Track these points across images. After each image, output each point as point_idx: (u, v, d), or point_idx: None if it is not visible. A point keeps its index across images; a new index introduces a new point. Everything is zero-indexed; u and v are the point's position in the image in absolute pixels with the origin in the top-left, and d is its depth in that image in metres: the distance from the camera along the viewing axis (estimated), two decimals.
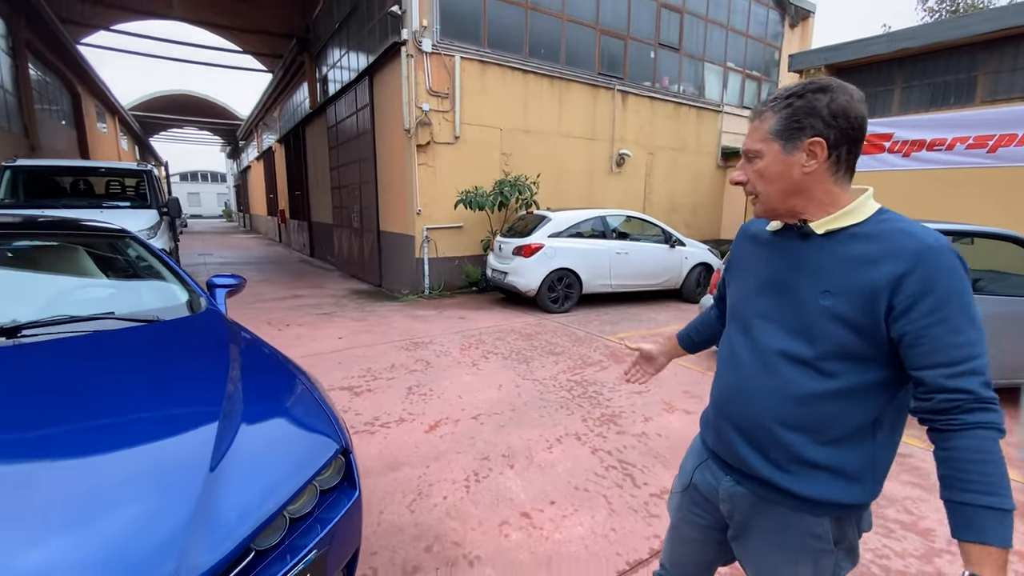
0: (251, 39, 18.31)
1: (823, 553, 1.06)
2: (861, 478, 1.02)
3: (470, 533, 2.24)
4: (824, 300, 1.00)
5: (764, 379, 1.07)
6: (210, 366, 1.76)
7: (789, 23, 14.59)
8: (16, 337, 1.73)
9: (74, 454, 1.26)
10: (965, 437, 0.88)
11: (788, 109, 0.99)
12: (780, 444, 1.05)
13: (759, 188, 1.06)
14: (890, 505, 2.53)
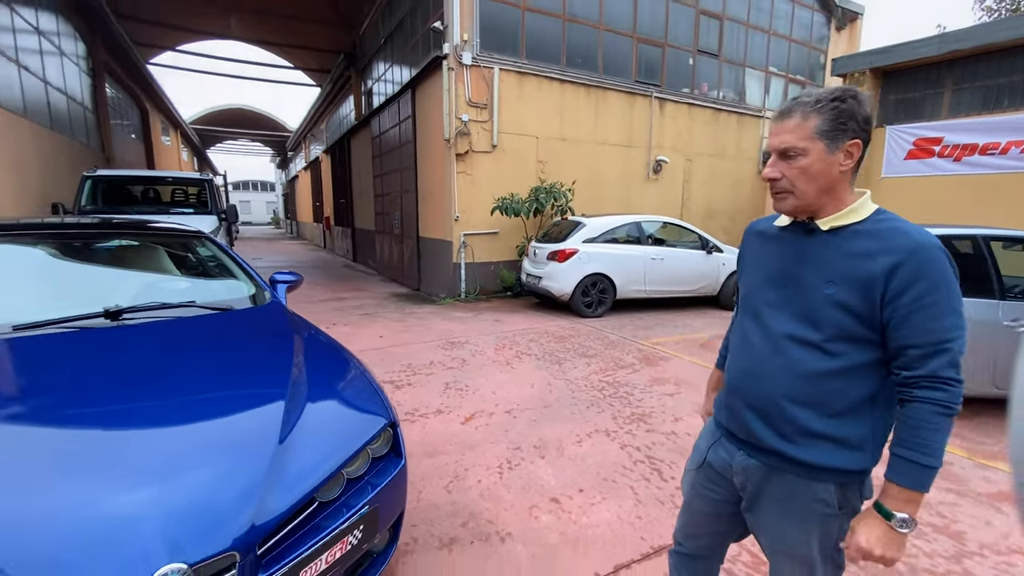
0: (302, 55, 19.36)
1: (829, 518, 1.16)
2: (862, 446, 1.13)
3: (502, 513, 2.40)
4: (828, 289, 1.12)
5: (774, 360, 1.19)
6: (277, 351, 2.00)
7: (836, 26, 14.20)
8: (118, 320, 2.03)
9: (168, 422, 1.49)
10: (911, 407, 1.05)
11: (835, 111, 1.07)
12: (788, 418, 1.16)
13: (798, 186, 1.12)
14: (922, 508, 2.51)
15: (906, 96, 6.89)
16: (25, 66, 8.04)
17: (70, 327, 1.88)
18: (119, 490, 1.19)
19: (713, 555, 1.51)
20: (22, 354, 1.70)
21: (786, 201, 1.16)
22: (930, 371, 1.02)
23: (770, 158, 1.18)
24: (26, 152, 7.66)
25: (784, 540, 1.23)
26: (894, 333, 1.05)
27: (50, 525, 1.08)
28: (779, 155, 1.14)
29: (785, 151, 1.12)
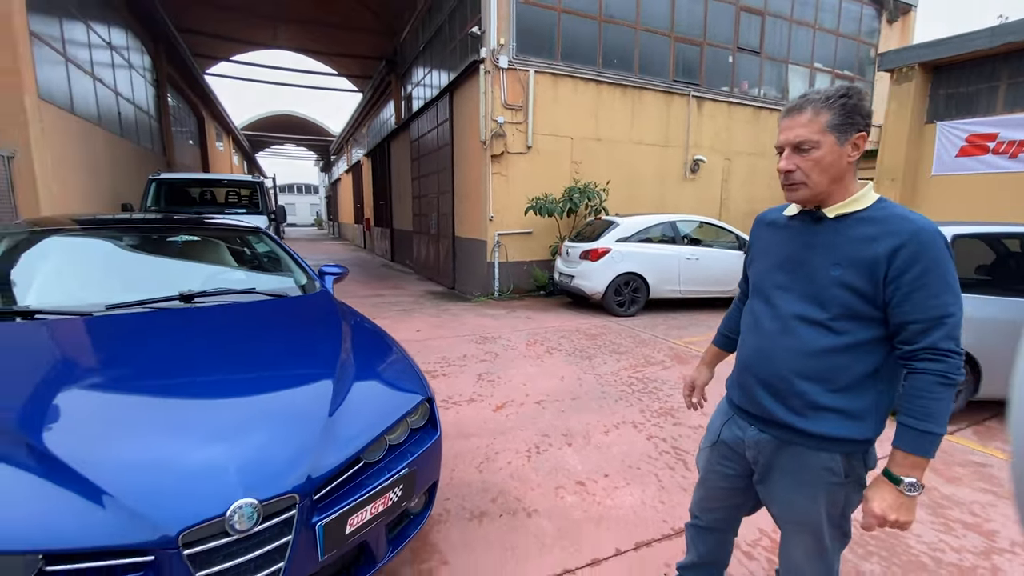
0: (345, 62, 20.07)
1: (835, 486, 1.25)
2: (865, 418, 1.21)
3: (530, 492, 2.54)
4: (835, 271, 1.20)
5: (783, 339, 1.28)
6: (328, 334, 2.20)
7: (887, 19, 13.61)
8: (190, 302, 2.29)
9: (238, 393, 1.69)
10: (913, 378, 1.13)
11: (843, 107, 1.16)
12: (797, 393, 1.25)
13: (812, 176, 1.20)
14: (955, 507, 2.49)
15: (958, 91, 6.59)
16: (99, 78, 8.78)
17: (152, 307, 2.15)
18: (202, 443, 1.40)
19: (727, 528, 1.60)
20: (115, 329, 1.97)
21: (799, 191, 1.24)
22: (930, 343, 1.10)
23: (784, 152, 1.27)
24: (100, 157, 8.36)
25: (794, 509, 1.32)
26: (896, 310, 1.14)
27: (152, 466, 1.29)
28: (793, 148, 1.22)
29: (799, 144, 1.20)
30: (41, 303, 2.04)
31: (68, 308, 2.03)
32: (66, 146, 7.10)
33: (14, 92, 5.95)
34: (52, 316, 1.97)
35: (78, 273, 2.37)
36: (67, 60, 7.50)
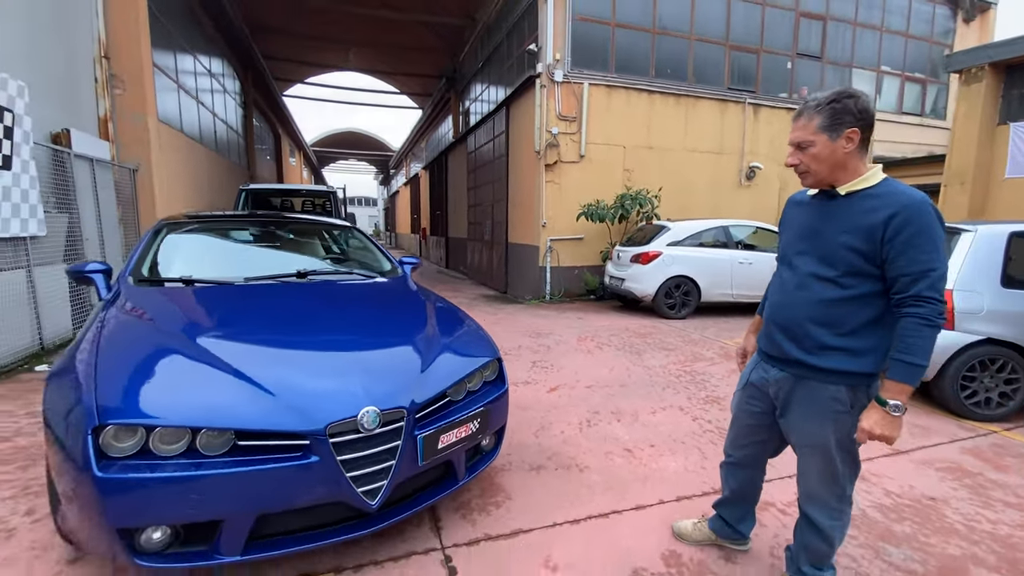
0: (407, 80, 21.31)
1: (842, 415, 1.50)
2: (867, 355, 1.47)
3: (581, 455, 2.84)
4: (842, 237, 1.48)
5: (800, 293, 1.56)
6: (416, 306, 2.64)
7: (963, 18, 12.96)
8: (305, 279, 2.80)
9: (349, 348, 2.12)
10: (902, 321, 1.39)
11: (831, 111, 1.45)
12: (810, 336, 1.53)
13: (812, 167, 1.51)
14: (999, 489, 2.56)
15: None
16: (202, 102, 10.00)
17: (277, 280, 2.67)
18: (338, 371, 1.85)
19: (755, 464, 1.85)
20: (253, 293, 2.50)
21: (806, 179, 1.56)
22: (915, 292, 1.35)
23: (790, 150, 1.57)
24: (200, 170, 9.50)
25: (808, 435, 1.58)
26: (890, 266, 1.40)
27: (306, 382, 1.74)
28: (796, 147, 1.53)
29: (800, 144, 1.52)
30: (198, 275, 2.60)
31: (219, 279, 2.58)
32: (176, 161, 8.18)
33: (141, 115, 7.00)
34: (207, 284, 2.53)
35: (223, 255, 2.97)
36: (179, 87, 8.65)
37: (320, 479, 1.59)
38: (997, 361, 3.46)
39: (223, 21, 10.72)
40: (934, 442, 3.13)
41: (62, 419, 1.57)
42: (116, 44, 6.79)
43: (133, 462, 1.47)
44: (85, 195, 5.73)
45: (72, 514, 1.56)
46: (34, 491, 2.36)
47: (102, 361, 1.69)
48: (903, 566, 1.95)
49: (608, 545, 2.04)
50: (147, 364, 1.74)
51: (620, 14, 9.63)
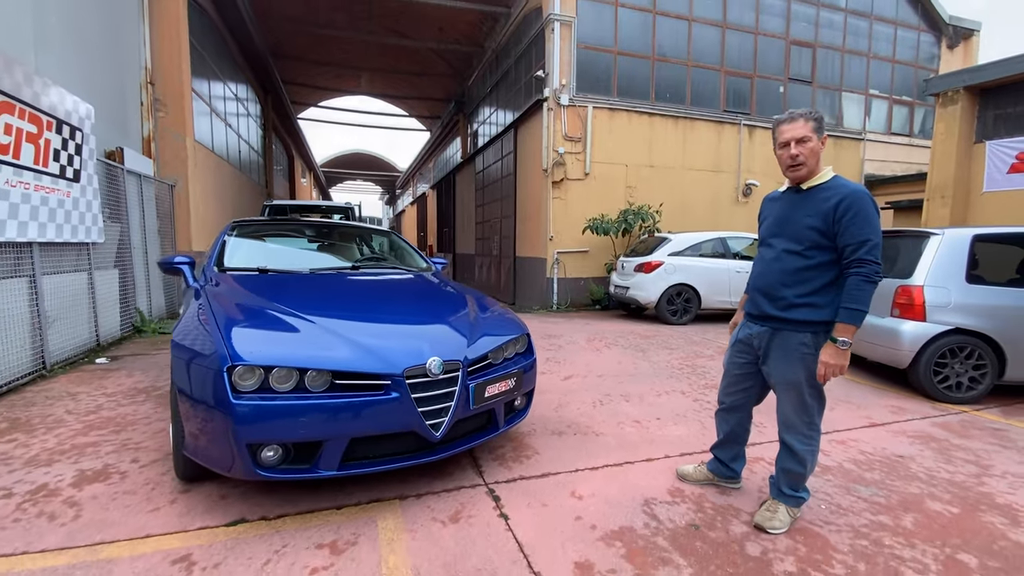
0: (416, 104, 22.13)
1: (808, 356, 1.94)
2: (825, 308, 1.92)
3: (596, 425, 3.25)
4: (806, 220, 1.94)
5: (776, 264, 2.02)
6: (455, 292, 3.09)
7: (947, 44, 13.66)
8: (356, 270, 3.26)
9: (410, 320, 2.58)
10: (849, 279, 1.83)
11: (816, 119, 1.95)
12: (782, 297, 1.98)
13: (810, 160, 1.96)
14: (962, 451, 2.95)
15: (1006, 111, 6.84)
16: (229, 124, 10.64)
17: (335, 271, 3.14)
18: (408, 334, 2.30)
19: (744, 407, 2.27)
20: (321, 280, 2.96)
21: (800, 171, 2.00)
22: (858, 256, 1.81)
23: (788, 147, 2.00)
24: (226, 186, 10.07)
25: (784, 374, 2.01)
26: (839, 238, 1.86)
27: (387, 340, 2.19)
28: (798, 142, 1.97)
29: (801, 139, 1.97)
30: (272, 266, 3.07)
31: (290, 270, 3.05)
32: (208, 178, 8.74)
33: (180, 135, 7.58)
34: (281, 272, 2.99)
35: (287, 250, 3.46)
36: (211, 110, 9.28)
37: (398, 411, 2.02)
38: (965, 349, 3.87)
39: (250, 49, 11.45)
40: (908, 418, 3.53)
41: (197, 367, 2.00)
42: (160, 71, 7.41)
43: (258, 394, 1.91)
44: (133, 207, 6.24)
45: (203, 442, 1.99)
46: (131, 447, 2.77)
47: (222, 321, 2.13)
48: (870, 499, 2.34)
49: (623, 484, 2.44)
50: (258, 323, 2.19)
51: (622, 42, 10.31)
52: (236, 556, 1.82)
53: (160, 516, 2.08)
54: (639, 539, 1.97)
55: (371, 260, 3.73)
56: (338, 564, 1.78)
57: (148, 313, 6.50)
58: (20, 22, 4.50)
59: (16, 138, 3.89)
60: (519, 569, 1.77)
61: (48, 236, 4.31)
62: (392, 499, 2.24)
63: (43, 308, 4.23)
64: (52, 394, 3.74)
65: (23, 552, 1.83)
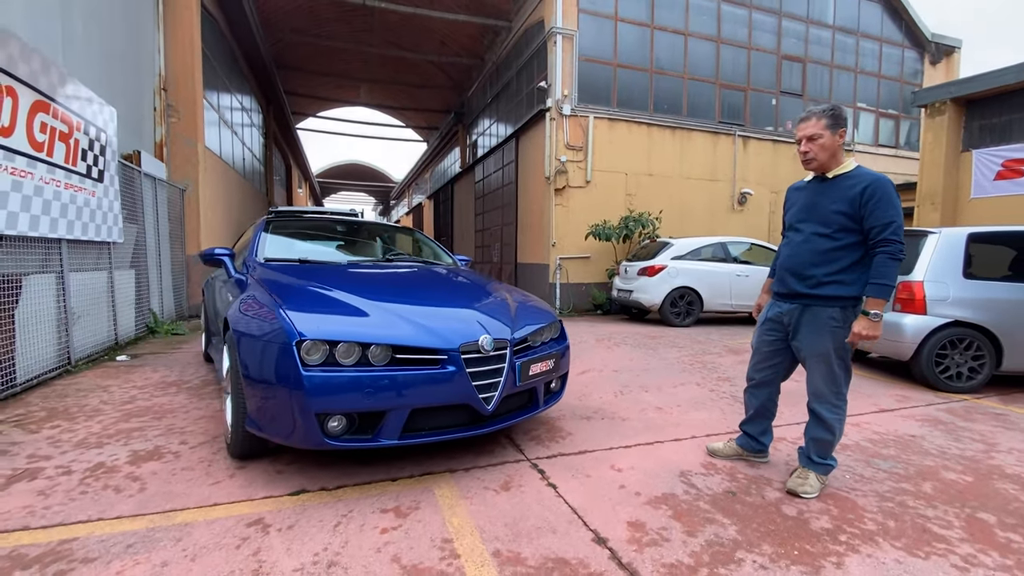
0: (414, 115, 22.40)
1: (837, 329, 2.10)
2: (852, 285, 2.08)
3: (621, 411, 3.38)
4: (834, 206, 2.12)
5: (805, 246, 2.19)
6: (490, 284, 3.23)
7: (930, 60, 14.21)
8: (390, 263, 3.38)
9: (456, 304, 2.71)
10: (877, 257, 2.00)
11: (831, 116, 2.13)
12: (812, 276, 2.15)
13: (818, 155, 2.15)
14: (969, 432, 3.12)
15: (991, 121, 7.19)
16: (235, 132, 10.75)
17: (372, 263, 3.26)
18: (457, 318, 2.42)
19: (773, 382, 2.42)
20: (360, 270, 3.08)
21: (812, 164, 2.19)
22: (884, 237, 1.98)
23: (800, 142, 2.20)
24: (232, 192, 10.15)
25: (814, 347, 2.16)
26: (866, 221, 2.03)
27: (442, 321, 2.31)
28: (807, 139, 2.17)
29: (812, 136, 2.16)
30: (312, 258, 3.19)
31: (331, 261, 3.17)
32: (216, 183, 8.83)
33: (192, 141, 7.68)
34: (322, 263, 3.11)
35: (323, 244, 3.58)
36: (219, 117, 9.40)
37: (455, 385, 2.14)
38: (964, 340, 4.07)
39: (255, 58, 11.62)
40: (913, 405, 3.70)
41: (264, 345, 2.10)
42: (173, 77, 7.54)
43: (324, 367, 2.02)
44: (148, 210, 6.32)
45: (270, 416, 2.09)
46: (176, 432, 2.85)
47: (282, 303, 2.24)
48: (889, 471, 2.49)
49: (657, 459, 2.57)
50: (316, 304, 2.31)
51: (621, 55, 10.63)
52: (307, 519, 1.92)
53: (223, 488, 2.17)
54: (682, 503, 2.10)
55: (400, 255, 3.86)
56: (406, 525, 1.89)
57: (160, 314, 6.54)
58: (50, 25, 4.62)
59: (50, 137, 3.99)
60: (576, 528, 1.89)
61: (75, 234, 4.39)
62: (442, 472, 2.35)
63: (69, 305, 4.29)
64: (82, 387, 3.80)
65: (98, 519, 1.91)
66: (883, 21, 13.65)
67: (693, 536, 1.85)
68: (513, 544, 1.77)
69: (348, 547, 1.74)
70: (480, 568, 1.63)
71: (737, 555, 1.74)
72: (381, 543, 1.77)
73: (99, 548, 1.72)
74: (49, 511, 1.96)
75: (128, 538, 1.78)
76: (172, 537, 1.79)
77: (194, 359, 4.86)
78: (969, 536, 1.89)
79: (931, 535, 1.90)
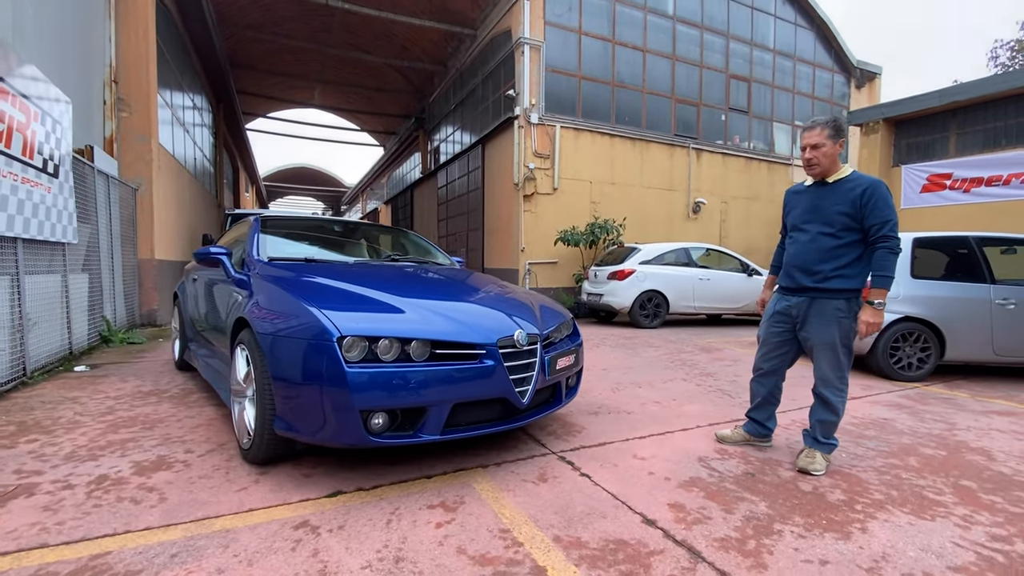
0: (370, 119, 21.99)
1: (843, 319, 2.31)
2: (855, 278, 2.31)
3: (623, 406, 3.50)
4: (836, 207, 2.33)
5: (812, 245, 2.40)
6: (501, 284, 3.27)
7: (855, 84, 15.62)
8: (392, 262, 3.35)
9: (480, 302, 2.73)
10: (877, 252, 2.23)
11: (834, 127, 2.35)
12: (819, 271, 2.35)
13: (823, 162, 2.37)
14: (928, 414, 3.48)
15: (917, 140, 8.04)
16: (187, 130, 10.17)
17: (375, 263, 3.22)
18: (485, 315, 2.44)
19: (779, 371, 2.61)
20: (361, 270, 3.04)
21: (815, 169, 2.41)
22: (883, 233, 2.21)
23: (805, 149, 2.41)
24: (184, 192, 9.57)
25: (822, 336, 2.37)
26: (865, 221, 2.26)
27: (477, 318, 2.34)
28: (812, 147, 2.39)
29: (816, 145, 2.37)
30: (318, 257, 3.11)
31: (336, 260, 3.10)
32: (170, 184, 8.31)
33: (145, 137, 7.21)
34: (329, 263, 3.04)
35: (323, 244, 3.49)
36: (172, 115, 8.87)
37: (493, 378, 2.17)
38: (914, 334, 4.53)
39: (209, 56, 11.05)
40: (876, 392, 4.08)
41: (300, 344, 2.04)
42: (125, 70, 7.06)
43: (365, 363, 2.00)
44: (102, 210, 5.87)
45: (308, 416, 2.03)
46: (175, 441, 2.69)
47: (310, 301, 2.19)
48: (876, 448, 2.75)
49: (673, 447, 2.70)
50: (349, 301, 2.27)
51: (585, 68, 10.99)
52: (355, 519, 1.88)
53: (252, 494, 2.08)
54: (710, 485, 2.23)
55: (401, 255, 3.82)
56: (458, 518, 1.90)
57: (113, 322, 6.07)
58: (1, 11, 4.24)
59: (8, 126, 3.66)
60: (623, 512, 1.97)
61: (31, 232, 4.02)
62: (474, 468, 2.36)
63: (25, 310, 3.92)
64: (47, 399, 3.48)
65: (125, 531, 1.79)
66: (816, 48, 14.90)
67: (731, 513, 1.98)
68: (569, 530, 1.83)
69: (408, 542, 1.73)
70: (547, 553, 1.67)
71: (775, 527, 1.88)
72: (440, 536, 1.77)
73: (140, 560, 1.61)
74: (64, 527, 1.81)
75: (168, 548, 1.68)
76: (217, 544, 1.71)
77: (164, 368, 4.56)
78: (961, 500, 2.14)
79: (930, 501, 2.12)
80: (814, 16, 14.48)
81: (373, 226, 4.27)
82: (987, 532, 1.88)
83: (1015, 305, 4.44)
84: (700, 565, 1.62)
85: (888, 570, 1.62)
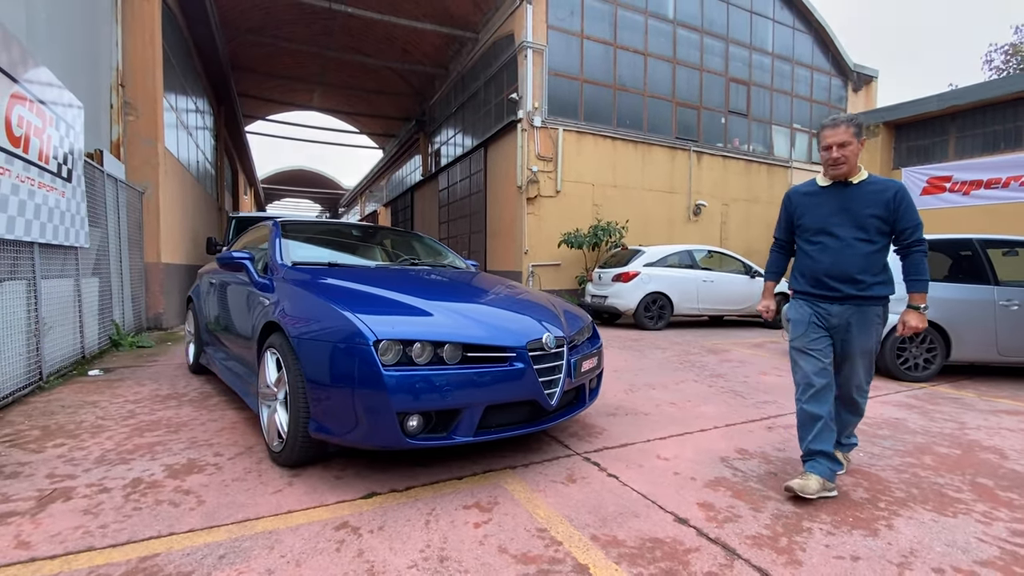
0: (369, 122, 22.02)
1: (879, 325, 2.34)
2: (890, 283, 2.32)
3: (639, 407, 3.55)
4: (868, 209, 2.35)
5: (849, 251, 2.36)
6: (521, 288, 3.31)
7: (852, 88, 15.78)
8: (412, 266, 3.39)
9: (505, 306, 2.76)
10: (912, 257, 2.27)
11: (857, 126, 2.36)
12: (858, 279, 2.34)
13: (850, 159, 2.34)
14: (938, 413, 3.55)
15: (916, 143, 8.16)
16: (191, 133, 10.17)
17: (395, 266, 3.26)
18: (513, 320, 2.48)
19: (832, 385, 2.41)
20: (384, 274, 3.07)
21: (841, 168, 2.35)
22: (916, 238, 2.25)
23: (832, 148, 2.41)
24: (187, 194, 9.57)
25: (864, 344, 2.33)
26: (898, 224, 2.28)
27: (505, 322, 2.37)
28: (839, 146, 2.34)
29: (843, 143, 2.34)
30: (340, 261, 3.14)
31: (358, 264, 3.14)
32: (175, 187, 8.31)
33: (152, 141, 7.22)
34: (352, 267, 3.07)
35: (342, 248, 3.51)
36: (177, 119, 8.87)
37: (523, 381, 2.21)
38: (920, 335, 4.60)
39: (212, 59, 11.06)
40: (885, 393, 4.14)
41: (336, 349, 2.08)
42: (132, 74, 7.07)
43: (400, 367, 2.03)
44: (111, 213, 5.88)
45: (343, 419, 2.07)
46: (202, 444, 2.71)
47: (342, 305, 2.23)
48: (891, 446, 2.81)
49: (694, 448, 2.75)
50: (380, 305, 2.31)
51: (587, 71, 11.07)
52: (394, 519, 1.92)
53: (288, 496, 2.11)
54: (736, 485, 2.28)
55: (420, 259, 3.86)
56: (495, 518, 1.93)
57: (122, 326, 6.07)
58: (15, 14, 4.26)
59: (27, 131, 3.68)
60: (654, 510, 2.02)
61: (47, 237, 4.04)
62: (503, 469, 2.40)
63: (41, 314, 3.93)
64: (66, 404, 3.49)
65: (170, 533, 1.82)
66: (814, 51, 15.05)
67: (759, 511, 2.02)
68: (604, 529, 1.87)
69: (450, 542, 1.76)
70: (586, 552, 1.71)
71: (804, 524, 1.92)
72: (480, 536, 1.81)
73: (189, 562, 1.64)
74: (108, 530, 1.84)
75: (215, 549, 1.71)
76: (263, 545, 1.74)
77: (178, 371, 4.58)
78: (979, 497, 2.20)
79: (950, 498, 2.18)
80: (812, 20, 14.63)
81: (389, 230, 4.32)
82: (1008, 528, 1.94)
83: (1018, 306, 4.53)
84: (736, 562, 1.67)
85: (918, 565, 1.67)
